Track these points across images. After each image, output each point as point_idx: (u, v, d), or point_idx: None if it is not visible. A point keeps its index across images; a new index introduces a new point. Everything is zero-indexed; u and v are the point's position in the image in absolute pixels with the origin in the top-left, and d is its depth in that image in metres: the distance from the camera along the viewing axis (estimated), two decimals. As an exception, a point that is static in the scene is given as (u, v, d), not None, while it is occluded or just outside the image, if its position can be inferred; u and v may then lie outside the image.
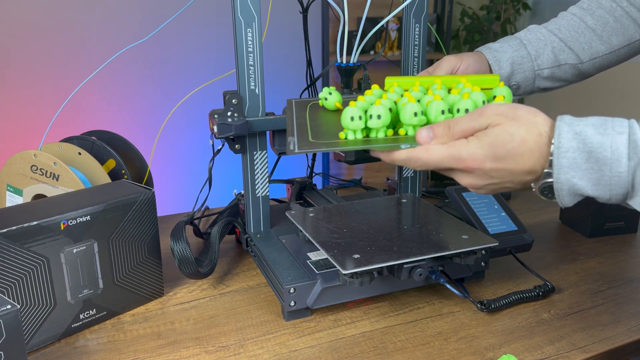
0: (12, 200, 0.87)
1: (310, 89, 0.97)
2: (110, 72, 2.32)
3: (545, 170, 0.50)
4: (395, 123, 0.61)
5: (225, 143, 0.80)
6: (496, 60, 0.79)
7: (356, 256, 0.66)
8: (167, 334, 0.68)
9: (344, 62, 0.82)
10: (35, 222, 0.62)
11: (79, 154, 0.86)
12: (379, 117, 0.58)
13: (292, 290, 0.69)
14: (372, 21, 0.84)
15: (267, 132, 0.82)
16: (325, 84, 2.85)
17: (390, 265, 0.67)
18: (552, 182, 0.50)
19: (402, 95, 0.64)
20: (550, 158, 0.49)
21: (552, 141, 0.49)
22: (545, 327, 0.69)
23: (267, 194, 0.84)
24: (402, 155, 0.55)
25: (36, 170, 0.83)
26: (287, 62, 2.47)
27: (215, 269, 0.81)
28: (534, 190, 0.53)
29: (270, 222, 0.86)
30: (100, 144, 0.89)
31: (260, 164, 0.82)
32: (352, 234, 0.72)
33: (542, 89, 0.83)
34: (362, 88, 0.86)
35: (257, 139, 0.81)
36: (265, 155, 0.82)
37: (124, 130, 1.07)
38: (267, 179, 0.84)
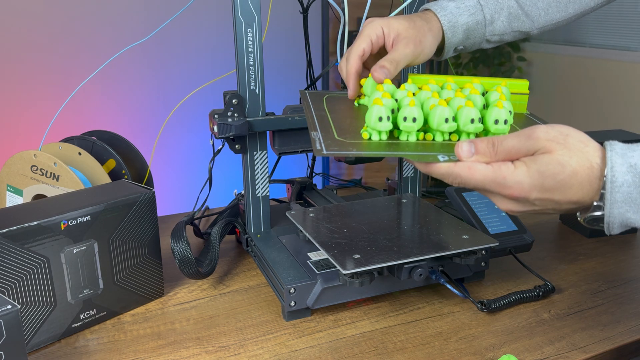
0: (12, 200, 0.87)
1: (310, 88, 0.97)
2: (110, 72, 2.32)
3: (595, 203, 0.48)
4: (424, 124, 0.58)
5: (226, 143, 0.80)
6: (451, 26, 0.70)
7: (356, 256, 0.66)
8: (167, 334, 0.68)
9: (344, 62, 0.82)
10: (35, 222, 0.62)
11: (79, 154, 0.86)
12: (414, 120, 0.54)
13: (292, 291, 0.69)
14: (372, 21, 0.84)
15: (267, 132, 0.82)
16: (326, 83, 2.85)
17: (390, 265, 0.67)
18: (601, 215, 0.48)
19: (420, 89, 0.60)
20: (602, 191, 0.47)
21: (605, 174, 0.47)
22: (545, 327, 0.69)
23: (267, 194, 0.84)
24: (442, 169, 0.51)
25: (36, 170, 0.83)
26: (287, 62, 2.47)
27: (215, 269, 0.81)
28: (579, 218, 0.51)
29: (270, 222, 0.86)
30: (101, 144, 0.89)
31: (260, 164, 0.82)
32: (352, 234, 0.72)
33: (478, 49, 0.79)
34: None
35: (257, 139, 0.81)
36: (266, 155, 0.82)
37: (124, 130, 1.07)
38: (267, 179, 0.84)
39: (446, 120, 0.54)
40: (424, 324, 0.70)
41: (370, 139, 0.56)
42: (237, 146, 0.80)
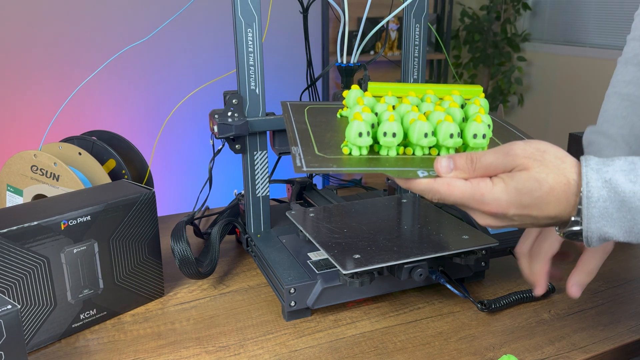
0: (12, 200, 0.87)
1: (310, 88, 0.97)
2: (110, 72, 2.32)
3: (573, 219, 0.48)
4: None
5: (226, 143, 0.80)
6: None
7: (356, 256, 0.66)
8: (167, 334, 0.68)
9: (344, 62, 0.82)
10: (35, 222, 0.62)
11: (79, 154, 0.86)
12: (393, 135, 0.54)
13: (292, 291, 0.69)
14: (372, 21, 0.84)
15: (268, 132, 0.82)
16: (326, 83, 2.86)
17: (390, 265, 0.67)
18: (580, 229, 0.48)
19: (400, 101, 0.61)
20: (579, 207, 0.48)
21: (581, 189, 0.47)
22: (545, 327, 0.69)
23: (268, 194, 0.84)
24: (422, 185, 0.52)
25: (36, 170, 0.83)
26: (287, 62, 2.47)
27: (215, 269, 0.81)
28: (557, 233, 0.51)
29: (270, 222, 0.86)
30: (101, 144, 0.89)
31: (260, 164, 0.82)
32: (352, 234, 0.72)
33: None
34: (362, 88, 0.86)
35: (257, 139, 0.81)
36: (266, 155, 0.82)
37: (124, 130, 1.07)
38: (267, 179, 0.84)
39: (425, 135, 0.55)
40: (424, 324, 0.70)
41: (350, 154, 0.56)
42: (237, 146, 0.80)
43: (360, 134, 0.54)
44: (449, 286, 0.71)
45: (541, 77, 3.25)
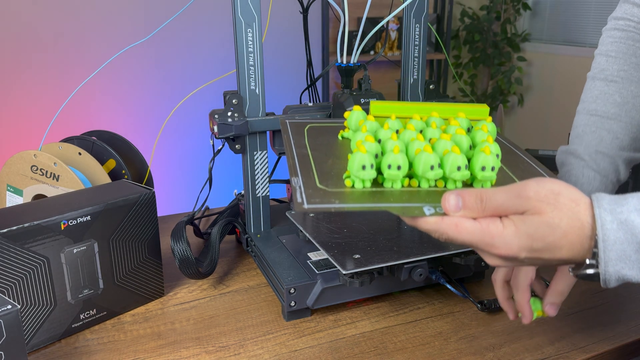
0: (12, 200, 0.87)
1: (310, 88, 0.97)
2: (110, 72, 2.32)
3: (588, 262, 0.47)
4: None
5: (226, 143, 0.80)
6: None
7: (356, 256, 0.66)
8: (167, 334, 0.68)
9: (344, 62, 0.82)
10: (35, 222, 0.62)
11: (79, 154, 0.86)
12: (398, 168, 0.52)
13: (292, 291, 0.69)
14: (372, 21, 0.84)
15: (268, 132, 0.82)
16: (326, 83, 2.86)
17: (390, 265, 0.67)
18: (595, 272, 0.47)
19: (404, 124, 0.58)
20: (595, 250, 0.46)
21: (597, 233, 0.46)
22: (545, 327, 0.69)
23: (267, 194, 0.84)
24: (429, 225, 0.49)
25: (36, 170, 0.83)
26: (287, 62, 2.47)
27: (215, 269, 0.81)
28: (571, 273, 0.50)
29: (270, 222, 0.86)
30: (101, 144, 0.89)
31: (260, 164, 0.82)
32: (352, 234, 0.72)
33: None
34: (362, 88, 0.86)
35: (257, 139, 0.81)
36: (266, 155, 0.82)
37: (124, 130, 1.07)
38: (267, 179, 0.84)
39: (432, 168, 0.52)
40: (424, 324, 0.70)
41: (353, 186, 0.53)
42: (237, 146, 0.80)
43: (363, 167, 0.51)
44: (449, 286, 0.71)
45: (541, 77, 3.25)
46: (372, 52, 2.89)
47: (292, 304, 0.69)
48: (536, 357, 0.63)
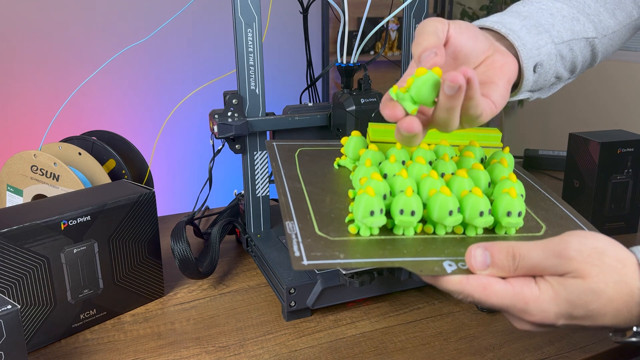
0: (12, 200, 0.87)
1: (310, 88, 0.97)
2: (110, 72, 2.32)
3: (635, 329, 0.43)
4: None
5: (226, 143, 0.80)
6: (529, 58, 0.56)
7: (356, 256, 0.66)
8: (167, 334, 0.68)
9: (344, 62, 0.82)
10: (35, 222, 0.62)
11: (79, 154, 0.86)
12: (412, 213, 0.45)
13: (292, 291, 0.69)
14: (372, 21, 0.84)
15: (268, 132, 0.82)
16: (326, 84, 2.86)
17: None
18: None
19: (412, 158, 0.51)
20: None
21: None
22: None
23: (268, 194, 0.84)
24: (451, 285, 0.43)
25: (36, 170, 0.83)
26: (287, 62, 2.47)
27: (215, 269, 0.81)
28: (612, 339, 0.45)
29: (270, 222, 0.86)
30: (101, 144, 0.89)
31: (260, 164, 0.82)
32: (352, 234, 0.72)
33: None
34: (362, 88, 0.86)
35: (257, 139, 0.81)
36: (266, 155, 0.82)
37: (124, 130, 1.07)
38: (267, 179, 0.84)
39: (450, 213, 0.45)
40: (424, 324, 0.70)
41: (358, 233, 0.46)
42: (237, 146, 0.80)
43: (371, 213, 0.44)
44: (449, 286, 0.71)
45: (541, 77, 3.24)
46: (372, 52, 2.89)
47: (292, 304, 0.69)
48: (536, 357, 0.63)
